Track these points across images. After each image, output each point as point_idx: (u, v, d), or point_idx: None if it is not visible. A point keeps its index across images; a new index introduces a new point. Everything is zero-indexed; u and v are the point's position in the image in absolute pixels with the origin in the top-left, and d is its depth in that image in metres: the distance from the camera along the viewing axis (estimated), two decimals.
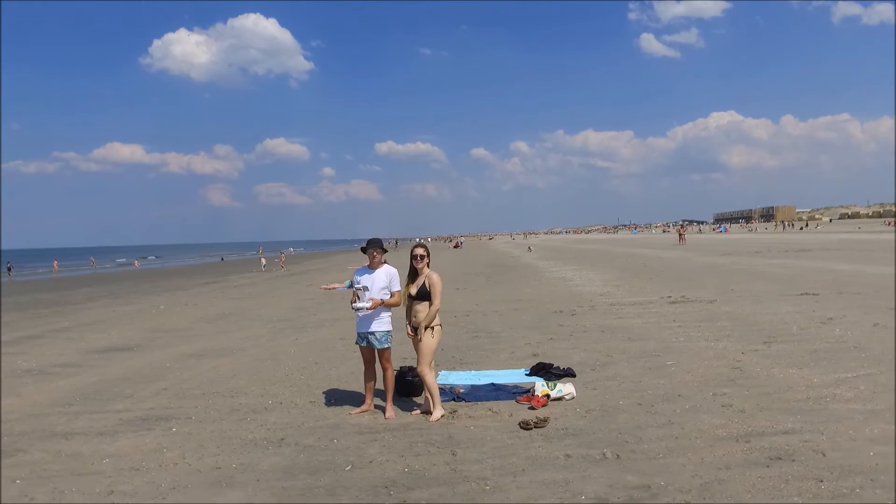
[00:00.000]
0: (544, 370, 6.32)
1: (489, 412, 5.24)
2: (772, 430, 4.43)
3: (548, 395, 5.41)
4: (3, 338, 11.52)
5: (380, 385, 5.50)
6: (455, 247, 73.33)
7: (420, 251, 5.34)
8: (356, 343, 5.42)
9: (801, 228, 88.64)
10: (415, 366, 5.47)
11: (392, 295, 5.27)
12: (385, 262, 5.34)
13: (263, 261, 36.16)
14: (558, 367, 6.39)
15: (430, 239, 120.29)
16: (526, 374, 6.41)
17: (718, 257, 27.07)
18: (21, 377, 7.67)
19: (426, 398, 5.33)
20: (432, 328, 5.34)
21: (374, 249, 5.20)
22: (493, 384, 6.10)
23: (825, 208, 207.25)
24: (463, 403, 5.56)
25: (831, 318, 9.17)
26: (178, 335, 10.88)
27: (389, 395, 5.37)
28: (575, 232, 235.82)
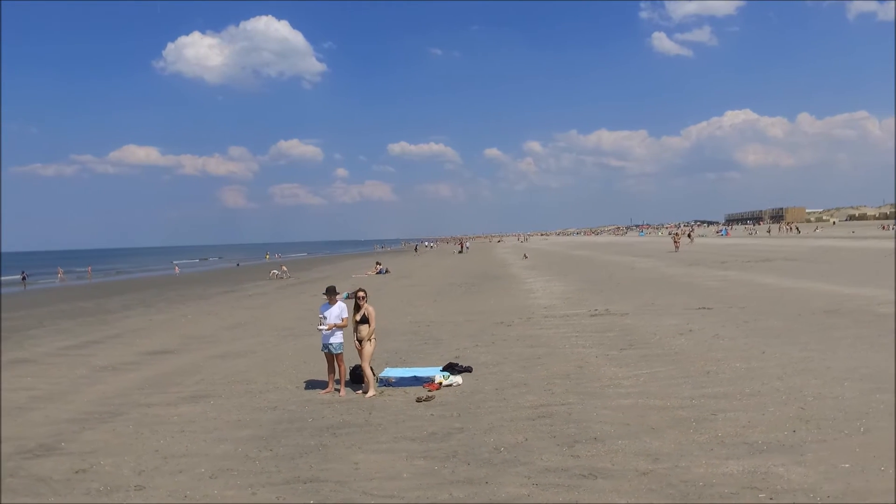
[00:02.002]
0: (451, 367, 9.53)
1: (403, 393, 8.49)
2: (557, 403, 7.62)
3: (440, 383, 8.64)
4: (71, 342, 14.98)
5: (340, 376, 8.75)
6: (459, 251, 75.99)
7: (361, 293, 8.60)
8: (321, 350, 8.71)
9: (799, 232, 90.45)
10: (362, 363, 8.71)
11: (342, 321, 8.53)
12: (338, 300, 8.61)
13: (275, 271, 39.62)
14: (460, 365, 9.61)
15: (435, 243, 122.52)
16: (441, 370, 9.62)
17: (683, 268, 29.95)
18: (101, 372, 11.04)
19: (366, 383, 8.57)
20: (370, 340, 8.57)
21: (330, 295, 8.48)
22: (415, 377, 9.32)
23: (835, 209, 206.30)
24: (391, 388, 8.79)
25: (691, 331, 12.28)
26: (204, 341, 14.24)
27: (342, 382, 8.64)
28: (586, 233, 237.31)
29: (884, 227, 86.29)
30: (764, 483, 4.98)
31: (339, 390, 8.60)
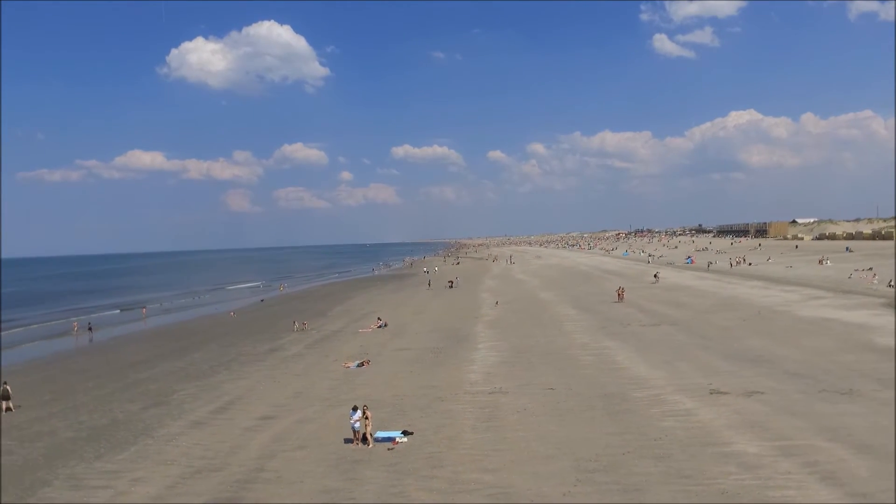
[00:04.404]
0: (405, 432, 22.59)
1: (383, 446, 21.57)
2: (436, 454, 20.63)
3: (398, 441, 21.72)
4: (210, 407, 28.07)
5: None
6: (450, 286, 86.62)
7: (366, 407, 21.72)
8: (350, 428, 21.84)
9: (750, 264, 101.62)
10: (365, 432, 21.76)
11: (359, 417, 21.65)
12: (357, 409, 21.72)
13: (296, 324, 52.60)
14: (409, 431, 22.67)
15: (425, 263, 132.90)
16: (401, 433, 22.63)
17: (590, 334, 41.63)
18: (247, 432, 24.11)
19: (368, 441, 21.66)
20: (369, 424, 21.73)
21: (354, 410, 21.59)
22: (389, 437, 22.33)
23: (817, 222, 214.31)
24: (379, 443, 21.85)
25: (525, 409, 25.16)
26: (285, 409, 27.27)
27: (359, 441, 21.76)
28: (582, 245, 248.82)
29: (820, 262, 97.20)
30: (497, 483, 18.01)
31: (358, 444, 21.69)
